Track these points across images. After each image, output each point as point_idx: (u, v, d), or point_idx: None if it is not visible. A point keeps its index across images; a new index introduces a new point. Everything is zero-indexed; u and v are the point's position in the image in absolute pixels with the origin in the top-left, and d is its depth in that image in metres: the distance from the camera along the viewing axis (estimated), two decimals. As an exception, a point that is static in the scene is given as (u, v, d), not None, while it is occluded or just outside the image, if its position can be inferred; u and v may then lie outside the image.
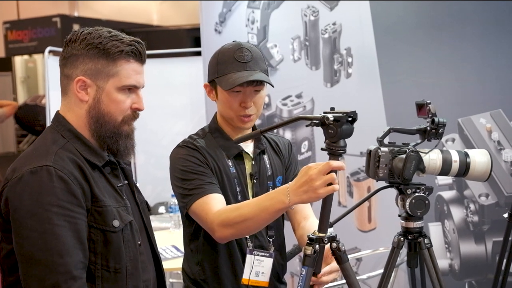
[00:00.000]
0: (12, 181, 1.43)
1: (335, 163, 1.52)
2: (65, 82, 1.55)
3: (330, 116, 1.50)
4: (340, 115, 1.51)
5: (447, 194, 2.87)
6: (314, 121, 1.53)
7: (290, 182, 1.62)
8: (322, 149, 1.57)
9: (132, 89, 1.56)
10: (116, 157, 1.61)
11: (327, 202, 1.56)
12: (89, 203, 1.47)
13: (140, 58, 1.56)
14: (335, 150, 1.53)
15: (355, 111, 1.53)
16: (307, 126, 1.58)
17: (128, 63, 1.53)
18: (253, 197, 1.92)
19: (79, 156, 1.50)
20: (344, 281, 1.67)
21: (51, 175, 1.41)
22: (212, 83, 1.91)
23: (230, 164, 1.92)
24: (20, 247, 1.41)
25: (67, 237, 1.40)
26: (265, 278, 1.90)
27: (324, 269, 1.65)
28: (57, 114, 1.58)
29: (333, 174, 1.52)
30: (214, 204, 1.78)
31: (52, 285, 1.38)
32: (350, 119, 1.52)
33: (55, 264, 1.38)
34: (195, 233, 1.93)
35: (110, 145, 1.57)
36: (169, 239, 3.36)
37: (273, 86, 1.89)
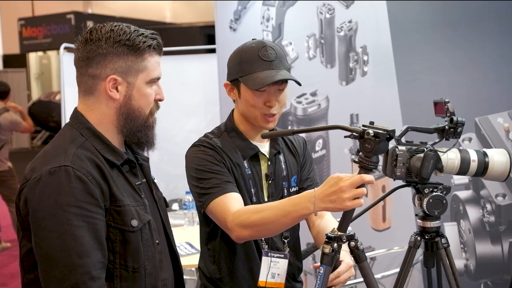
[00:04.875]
0: (31, 182, 1.43)
1: (367, 177, 1.51)
2: (91, 82, 1.52)
3: (371, 131, 1.51)
4: (381, 131, 1.51)
5: (463, 194, 2.85)
6: (354, 133, 1.53)
7: (316, 189, 1.59)
8: (354, 161, 1.57)
9: (155, 81, 1.58)
10: (142, 149, 1.62)
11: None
12: (107, 202, 1.46)
13: (161, 50, 1.58)
14: (368, 165, 1.53)
15: (394, 130, 1.53)
16: (345, 137, 1.57)
17: (152, 56, 1.55)
18: (268, 197, 1.91)
19: (97, 155, 1.49)
20: (357, 280, 1.66)
21: (69, 175, 1.40)
22: (234, 82, 1.88)
23: (246, 165, 1.90)
24: (39, 248, 1.41)
25: (85, 237, 1.39)
26: (281, 279, 1.88)
27: (330, 276, 1.63)
28: (76, 111, 1.56)
29: (364, 189, 1.52)
30: (232, 203, 1.77)
31: (71, 286, 1.37)
32: (388, 137, 1.53)
33: (74, 265, 1.38)
34: (212, 232, 1.93)
35: (140, 138, 1.57)
36: (183, 236, 3.37)
37: (300, 85, 1.84)
